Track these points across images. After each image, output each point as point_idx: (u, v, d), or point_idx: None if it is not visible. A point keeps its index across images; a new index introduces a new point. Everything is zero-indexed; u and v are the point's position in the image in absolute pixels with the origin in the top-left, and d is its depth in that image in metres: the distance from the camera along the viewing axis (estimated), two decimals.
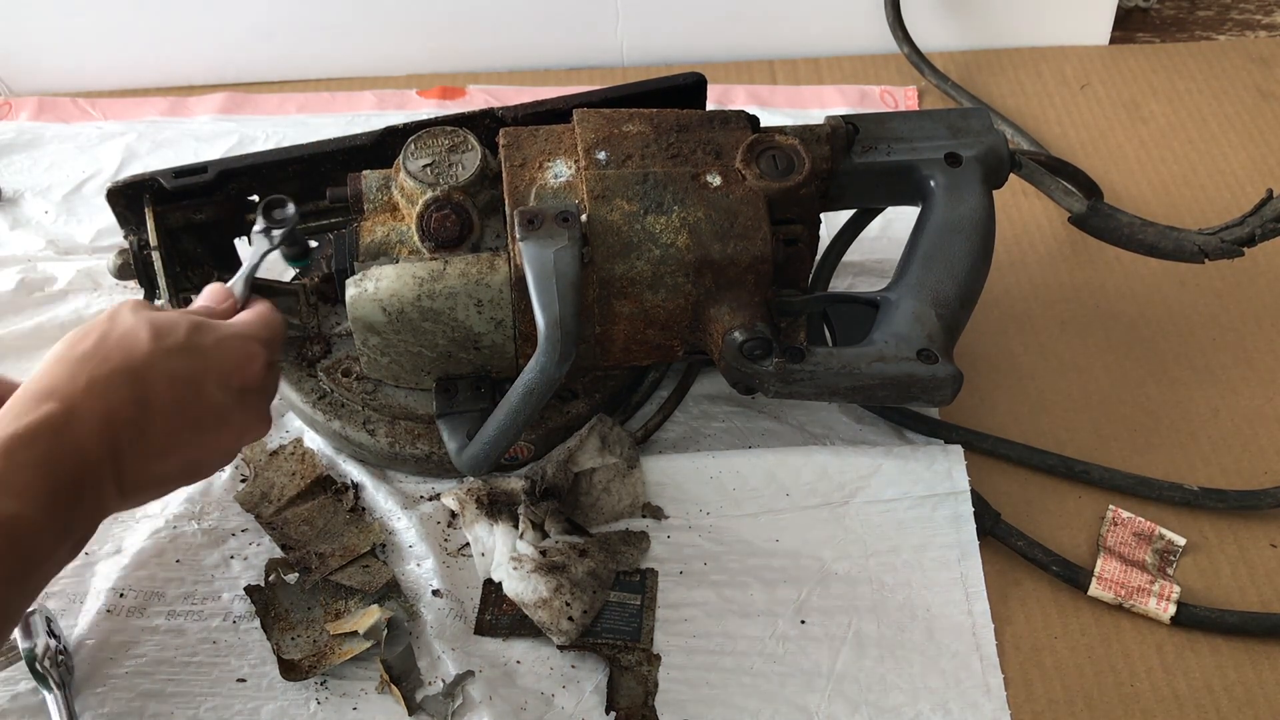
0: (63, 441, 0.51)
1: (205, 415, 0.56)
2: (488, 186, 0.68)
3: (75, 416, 0.51)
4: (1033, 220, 0.93)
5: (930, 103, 1.05)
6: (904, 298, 0.68)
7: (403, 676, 0.65)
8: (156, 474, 0.56)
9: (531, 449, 0.73)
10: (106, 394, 0.53)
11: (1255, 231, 0.75)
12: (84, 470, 0.51)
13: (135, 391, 0.53)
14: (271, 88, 1.10)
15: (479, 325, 0.68)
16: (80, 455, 0.51)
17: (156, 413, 0.54)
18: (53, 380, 0.53)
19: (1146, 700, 0.65)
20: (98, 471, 0.52)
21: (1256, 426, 0.78)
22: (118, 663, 0.66)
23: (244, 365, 0.59)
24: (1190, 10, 1.15)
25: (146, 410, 0.54)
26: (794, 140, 0.69)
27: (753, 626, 0.67)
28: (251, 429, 0.61)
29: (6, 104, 1.08)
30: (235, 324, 0.60)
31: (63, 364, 0.54)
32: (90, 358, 0.54)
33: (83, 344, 0.55)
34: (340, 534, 0.72)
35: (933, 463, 0.73)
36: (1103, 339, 0.84)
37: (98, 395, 0.52)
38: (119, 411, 0.53)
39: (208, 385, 0.56)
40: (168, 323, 0.57)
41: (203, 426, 0.57)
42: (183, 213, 0.74)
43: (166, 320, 0.57)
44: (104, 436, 0.52)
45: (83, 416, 0.52)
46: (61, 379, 0.53)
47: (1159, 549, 0.71)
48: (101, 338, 0.55)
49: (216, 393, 0.57)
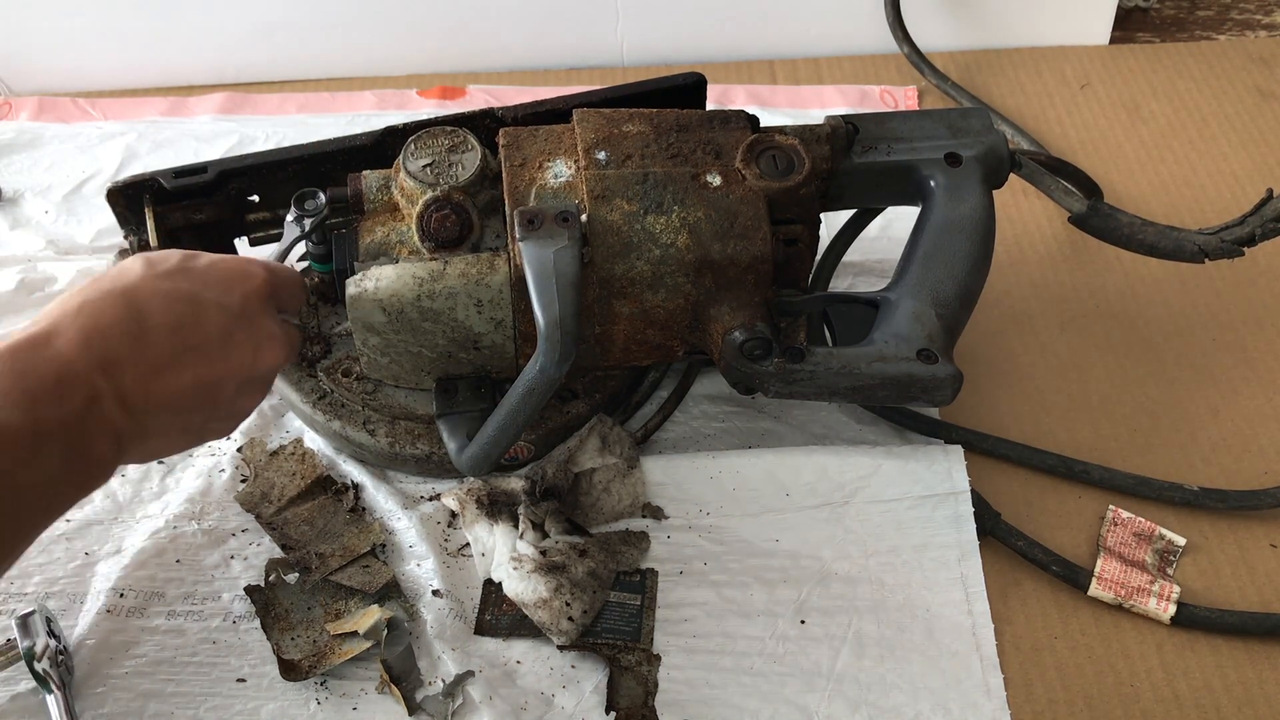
0: (41, 352, 0.51)
1: (206, 331, 0.56)
2: (488, 186, 0.68)
3: (56, 331, 0.52)
4: (1033, 220, 0.93)
5: (930, 103, 1.05)
6: (904, 298, 0.68)
7: (403, 676, 0.65)
8: (166, 391, 0.55)
9: (531, 449, 0.73)
10: (94, 311, 0.53)
11: (1255, 231, 0.75)
12: (67, 377, 0.51)
13: (126, 307, 0.54)
14: (271, 88, 1.10)
15: (479, 325, 0.68)
16: (60, 362, 0.51)
17: (152, 327, 0.54)
18: (47, 310, 0.54)
19: (1146, 700, 0.65)
20: (87, 379, 0.52)
21: (1256, 426, 0.78)
22: (118, 663, 0.66)
23: (241, 281, 0.59)
24: (1190, 10, 1.15)
25: (141, 323, 0.54)
26: (794, 140, 0.69)
27: (753, 626, 0.67)
28: (267, 350, 0.59)
29: (6, 104, 1.08)
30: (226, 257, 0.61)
31: (56, 302, 0.55)
32: (83, 290, 0.55)
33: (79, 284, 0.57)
34: (340, 534, 0.72)
35: (933, 463, 0.73)
36: (1103, 339, 0.84)
37: (84, 313, 0.53)
38: (108, 324, 0.53)
39: (205, 302, 0.56)
40: (160, 254, 0.58)
41: (207, 344, 0.56)
42: (183, 213, 0.74)
43: (160, 253, 0.58)
44: (89, 346, 0.52)
45: (64, 331, 0.52)
46: (53, 308, 0.54)
47: (1159, 549, 0.71)
48: (97, 276, 0.56)
49: (215, 310, 0.57)
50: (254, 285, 0.59)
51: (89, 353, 0.52)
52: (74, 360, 0.51)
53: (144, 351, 0.54)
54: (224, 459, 0.76)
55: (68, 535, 0.72)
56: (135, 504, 0.74)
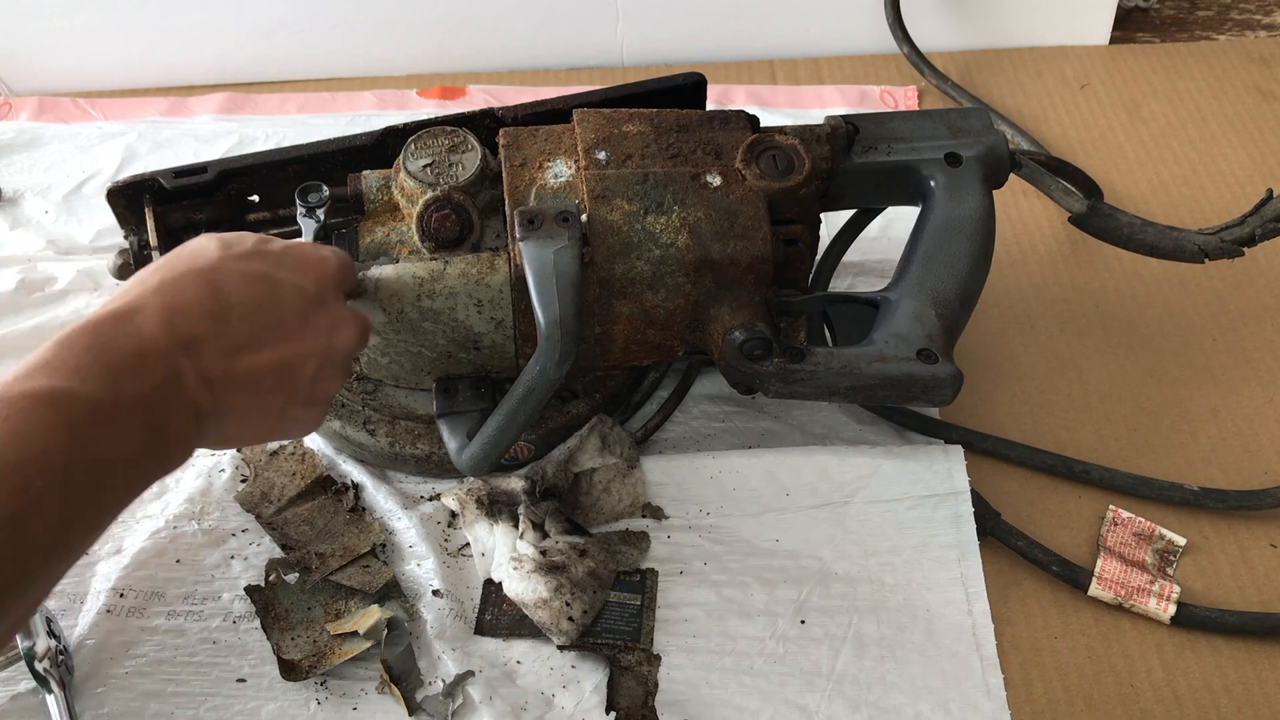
0: (123, 327, 0.51)
1: (285, 310, 0.56)
2: (488, 186, 0.68)
3: (138, 309, 0.52)
4: (1033, 220, 0.93)
5: (930, 103, 1.05)
6: (904, 298, 0.68)
7: (403, 676, 0.65)
8: (246, 369, 0.55)
9: (531, 449, 0.73)
10: (174, 289, 0.53)
11: (1255, 231, 0.75)
12: (148, 353, 0.51)
13: (207, 286, 0.54)
14: (271, 88, 1.10)
15: (479, 325, 0.68)
16: (141, 337, 0.51)
17: (233, 306, 0.54)
18: (124, 289, 0.54)
19: (1146, 700, 0.65)
20: (168, 357, 0.51)
21: (1256, 426, 0.78)
22: (118, 663, 0.66)
23: (317, 265, 0.59)
24: (1190, 10, 1.15)
25: (221, 303, 0.54)
26: (794, 140, 0.69)
27: (753, 626, 0.67)
28: (341, 331, 0.59)
29: (6, 104, 1.08)
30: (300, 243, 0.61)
31: (134, 278, 0.55)
32: (159, 269, 0.55)
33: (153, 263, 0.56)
34: (340, 534, 0.72)
35: (933, 463, 0.73)
36: (1103, 339, 0.84)
37: (164, 291, 0.53)
38: (189, 303, 0.53)
39: (283, 283, 0.57)
40: (234, 236, 0.58)
41: (285, 323, 0.56)
42: (183, 213, 0.74)
43: (234, 235, 0.58)
44: (170, 324, 0.52)
45: (145, 308, 0.52)
46: (131, 286, 0.54)
47: (1159, 549, 0.71)
48: (171, 255, 0.56)
49: (292, 292, 0.57)
50: (328, 270, 0.60)
51: (170, 330, 0.52)
52: (155, 336, 0.51)
53: (224, 330, 0.54)
54: (224, 459, 0.76)
55: None
56: (135, 504, 0.74)
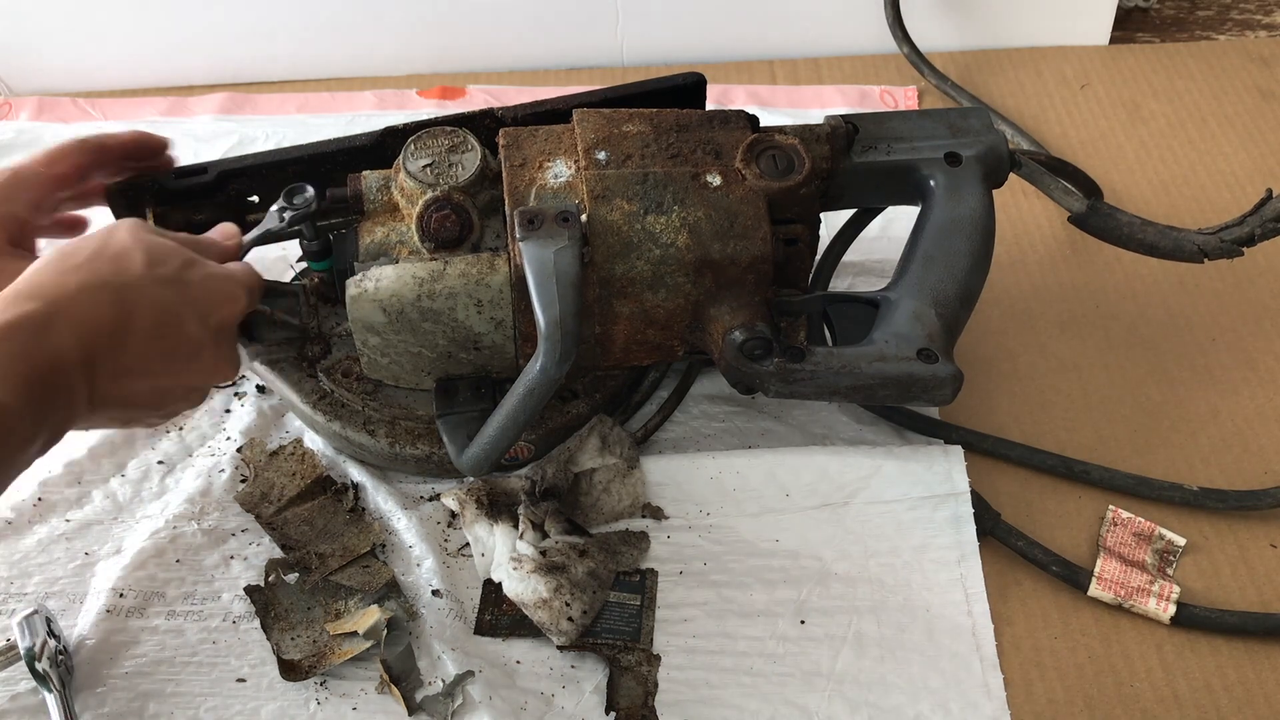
0: (41, 338, 0.52)
1: (181, 346, 0.58)
2: (488, 186, 0.68)
3: (56, 317, 0.53)
4: (1033, 220, 0.93)
5: (930, 103, 1.05)
6: (904, 297, 0.68)
7: (403, 676, 0.65)
8: (125, 393, 0.57)
9: (532, 449, 0.73)
10: (90, 303, 0.54)
11: (1255, 231, 0.75)
12: (59, 370, 0.53)
13: (118, 308, 0.55)
14: (271, 88, 1.10)
15: (479, 325, 0.68)
16: (56, 354, 0.52)
17: (135, 333, 0.55)
18: (39, 281, 0.54)
19: (1146, 700, 0.65)
20: (71, 375, 0.53)
21: (1256, 427, 0.78)
22: (118, 663, 0.66)
23: (225, 304, 0.60)
24: (1190, 10, 1.15)
25: (126, 328, 0.55)
26: (794, 140, 0.69)
27: (753, 627, 0.67)
28: (220, 370, 0.61)
29: (6, 104, 1.08)
30: (226, 266, 0.62)
31: (51, 269, 0.55)
32: (80, 268, 0.55)
33: (75, 255, 0.56)
34: (340, 534, 0.72)
35: (933, 464, 0.73)
36: (1103, 339, 0.84)
37: (81, 303, 0.54)
38: (99, 322, 0.54)
39: (188, 318, 0.58)
40: (162, 251, 0.58)
41: (176, 356, 0.58)
42: (183, 213, 0.74)
43: (161, 248, 0.58)
44: (80, 342, 0.53)
45: (63, 319, 0.53)
46: (49, 282, 0.54)
47: (1159, 549, 0.71)
48: (95, 252, 0.56)
49: (195, 327, 0.58)
50: (236, 310, 0.61)
51: (80, 350, 0.53)
52: (67, 355, 0.53)
53: (121, 354, 0.55)
54: (224, 459, 0.76)
55: (68, 535, 0.72)
56: (135, 504, 0.74)
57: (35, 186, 0.67)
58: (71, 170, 0.69)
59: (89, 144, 0.70)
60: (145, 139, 0.73)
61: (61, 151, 0.69)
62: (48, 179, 0.68)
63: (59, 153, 0.68)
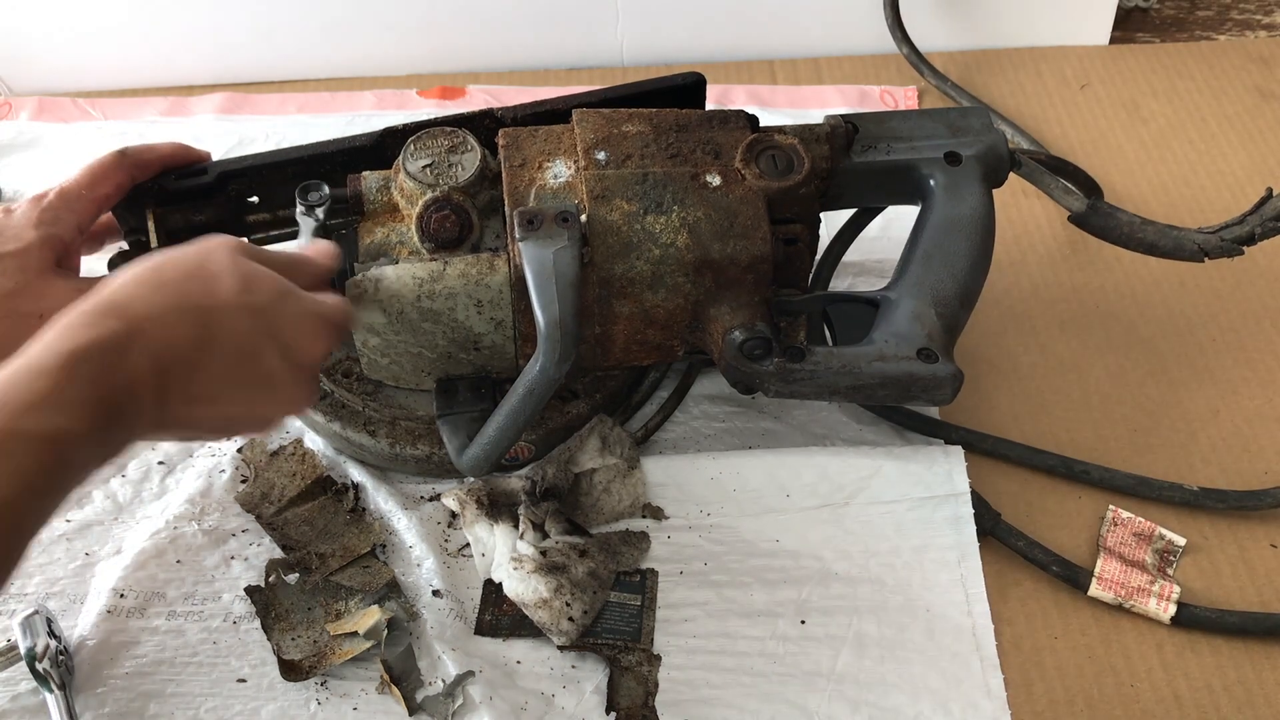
0: (120, 364, 0.50)
1: (258, 378, 0.56)
2: (487, 187, 0.68)
3: (136, 341, 0.51)
4: (1033, 220, 0.93)
5: (930, 103, 1.05)
6: (904, 297, 0.68)
7: (403, 677, 0.65)
8: (193, 418, 0.55)
9: (532, 449, 0.73)
10: (172, 326, 0.52)
11: (1255, 230, 0.75)
12: (131, 397, 0.51)
13: (201, 334, 0.53)
14: (271, 88, 1.10)
15: (479, 326, 0.68)
16: (131, 381, 0.50)
17: (213, 360, 0.53)
18: (126, 297, 0.52)
19: (1146, 700, 0.65)
20: (141, 401, 0.51)
21: (1256, 427, 0.78)
22: (118, 663, 0.66)
23: (311, 344, 0.58)
24: (1190, 10, 1.15)
25: (205, 355, 0.53)
26: (793, 140, 0.69)
27: (753, 627, 0.67)
28: (294, 404, 0.59)
29: (6, 104, 1.08)
30: (320, 302, 0.59)
31: (140, 284, 0.53)
32: (168, 286, 0.53)
33: (167, 271, 0.54)
34: (340, 534, 0.72)
35: (933, 465, 0.73)
36: (1103, 339, 0.84)
37: (163, 324, 0.52)
38: (179, 346, 0.52)
39: (270, 351, 0.56)
40: (257, 280, 0.56)
41: (252, 388, 0.56)
42: (183, 214, 0.74)
43: (256, 276, 0.56)
44: (157, 368, 0.51)
45: (143, 342, 0.51)
46: (134, 298, 0.52)
47: (1159, 549, 0.71)
48: (188, 273, 0.54)
49: (276, 361, 0.56)
50: (318, 352, 0.59)
51: (155, 374, 0.51)
52: (140, 381, 0.51)
53: (195, 381, 0.53)
54: (224, 459, 0.76)
55: (68, 536, 0.72)
56: (135, 504, 0.74)
57: (80, 209, 0.67)
58: (114, 190, 0.68)
59: (129, 159, 0.69)
60: (185, 152, 0.72)
61: (104, 170, 0.68)
62: (92, 201, 0.67)
63: (101, 172, 0.68)
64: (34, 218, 0.65)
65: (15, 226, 0.65)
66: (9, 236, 0.64)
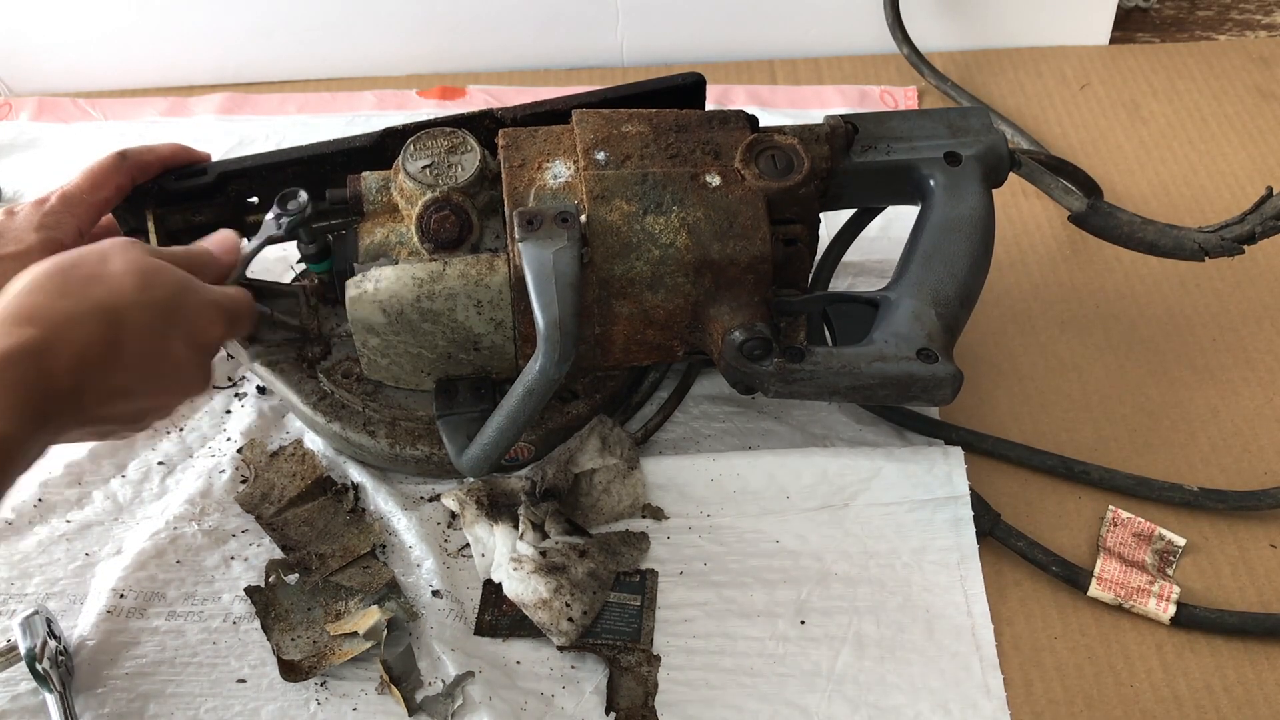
0: (40, 367, 0.52)
1: (166, 370, 0.58)
2: (487, 187, 0.68)
3: (53, 345, 0.53)
4: (1033, 220, 0.93)
5: (930, 103, 1.05)
6: (904, 297, 0.68)
7: (403, 677, 0.65)
8: (108, 414, 0.57)
9: (532, 450, 0.73)
10: (83, 330, 0.54)
11: (1255, 229, 0.75)
12: (53, 398, 0.53)
13: (110, 333, 0.55)
14: (271, 88, 1.10)
15: (479, 326, 0.68)
16: (52, 383, 0.53)
17: (124, 359, 0.56)
18: (34, 304, 0.54)
19: (1146, 700, 0.65)
20: (62, 401, 0.54)
21: (1256, 426, 0.78)
22: (118, 663, 0.66)
23: (209, 331, 0.61)
24: (1190, 10, 1.15)
25: (116, 354, 0.55)
26: (793, 140, 0.69)
27: (753, 627, 0.67)
28: (195, 388, 0.62)
29: (6, 104, 1.08)
30: (215, 293, 0.62)
31: (46, 291, 0.55)
32: (73, 292, 0.55)
33: (70, 274, 0.56)
34: (340, 535, 0.72)
35: (933, 466, 0.73)
36: (1103, 339, 0.84)
37: (75, 329, 0.54)
38: (91, 349, 0.54)
39: (175, 342, 0.58)
40: (156, 275, 0.58)
41: (161, 379, 0.59)
42: (183, 215, 0.74)
43: (155, 272, 0.58)
44: (74, 370, 0.54)
45: (59, 347, 0.53)
46: (43, 305, 0.54)
47: (1159, 549, 0.71)
48: (89, 275, 0.56)
49: (182, 349, 0.59)
50: (221, 334, 0.62)
51: (73, 378, 0.54)
52: (60, 382, 0.53)
53: (109, 380, 0.55)
54: (224, 460, 0.76)
55: (68, 536, 0.72)
56: (135, 505, 0.74)
57: (80, 213, 0.68)
58: (114, 193, 0.70)
59: (129, 161, 0.70)
60: (185, 153, 0.73)
61: (104, 173, 0.69)
62: (92, 205, 0.69)
63: (101, 175, 0.69)
64: (35, 221, 0.66)
65: (17, 229, 0.66)
66: (10, 239, 0.65)
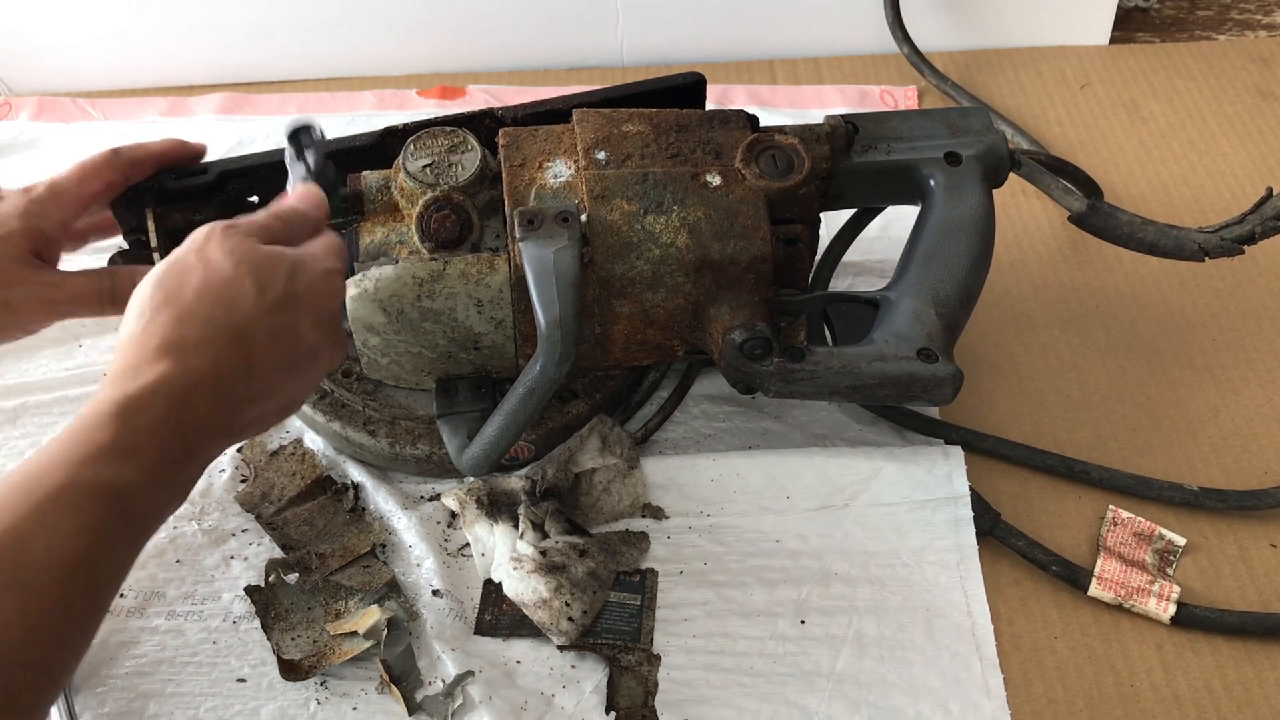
0: (179, 405, 0.51)
1: (301, 357, 0.57)
2: (487, 187, 0.68)
3: (189, 378, 0.52)
4: (1033, 220, 0.93)
5: (930, 103, 1.05)
6: (904, 297, 0.68)
7: (403, 676, 0.65)
8: (258, 416, 0.57)
9: (532, 449, 0.73)
10: (216, 353, 0.53)
11: (1255, 229, 0.75)
12: (196, 431, 0.52)
13: (242, 348, 0.54)
14: (271, 88, 1.10)
15: (479, 325, 0.68)
16: (193, 417, 0.52)
17: (260, 365, 0.55)
18: (162, 334, 0.53)
19: (1146, 700, 0.65)
20: (207, 429, 0.53)
21: (1256, 426, 0.78)
22: (118, 663, 0.66)
23: (331, 300, 0.59)
24: (1190, 10, 1.15)
25: (252, 364, 0.54)
26: (793, 140, 0.69)
27: (753, 627, 0.67)
28: (336, 355, 0.61)
29: (6, 104, 1.08)
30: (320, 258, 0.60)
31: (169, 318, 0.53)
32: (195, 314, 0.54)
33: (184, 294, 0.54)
34: (340, 534, 0.72)
35: (933, 466, 0.73)
36: (1103, 339, 0.84)
37: (208, 354, 0.53)
38: (227, 370, 0.53)
39: (303, 327, 0.57)
40: (268, 270, 0.56)
41: (299, 367, 0.58)
42: (183, 214, 0.74)
43: (264, 265, 0.56)
44: (214, 396, 0.52)
45: (196, 378, 0.52)
46: (171, 334, 0.53)
47: (1159, 549, 0.71)
48: (201, 289, 0.54)
49: (311, 332, 0.57)
50: (338, 303, 0.61)
51: (213, 405, 0.53)
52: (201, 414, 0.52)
53: (250, 389, 0.55)
54: (224, 459, 0.76)
55: None
56: None
57: (67, 205, 0.67)
58: (104, 188, 0.69)
59: (123, 158, 0.69)
60: (180, 147, 0.72)
61: (95, 168, 0.68)
62: (79, 197, 0.68)
63: (92, 169, 0.68)
64: (21, 208, 0.65)
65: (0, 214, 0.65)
66: None
